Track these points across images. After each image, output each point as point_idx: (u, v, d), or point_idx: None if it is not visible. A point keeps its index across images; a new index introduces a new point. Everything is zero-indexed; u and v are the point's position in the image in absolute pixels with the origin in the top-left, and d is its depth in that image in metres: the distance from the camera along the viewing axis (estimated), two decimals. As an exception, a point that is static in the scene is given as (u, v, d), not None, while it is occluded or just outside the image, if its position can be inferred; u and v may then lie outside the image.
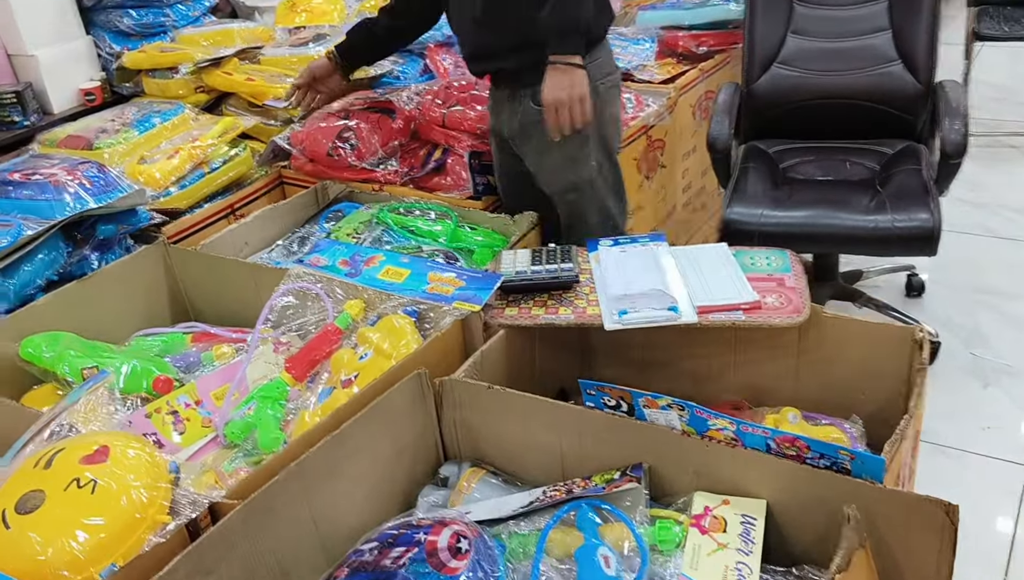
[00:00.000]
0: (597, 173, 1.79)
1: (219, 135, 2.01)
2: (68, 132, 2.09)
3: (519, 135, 1.78)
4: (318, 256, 1.55)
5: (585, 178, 1.78)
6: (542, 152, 1.77)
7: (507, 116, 1.80)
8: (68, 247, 1.61)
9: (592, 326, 1.34)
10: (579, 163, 1.77)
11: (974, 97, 2.98)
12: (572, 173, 1.77)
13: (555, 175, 1.79)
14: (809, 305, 1.32)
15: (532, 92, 1.69)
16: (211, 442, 1.36)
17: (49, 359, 1.39)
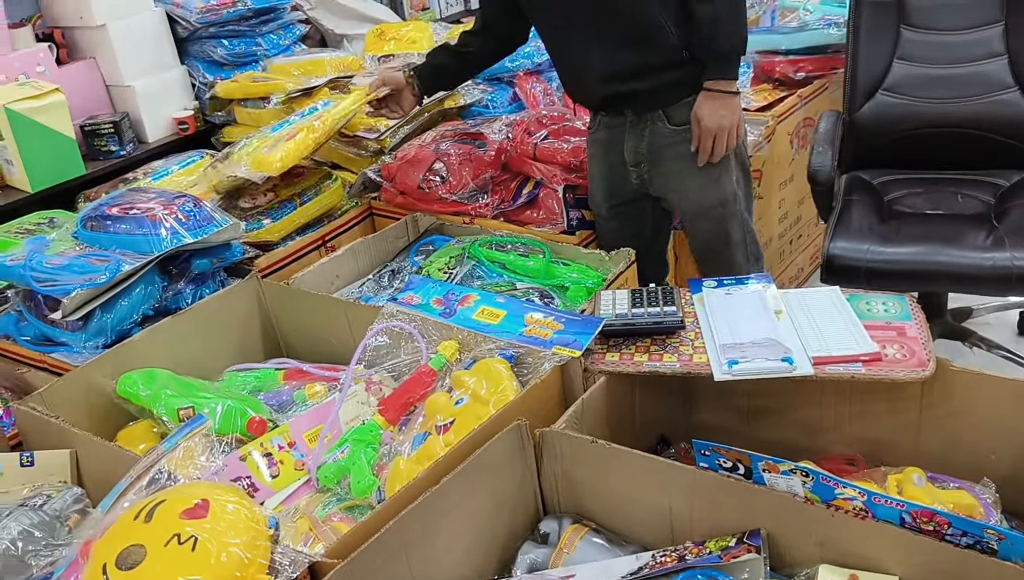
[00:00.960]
0: (737, 188, 1.77)
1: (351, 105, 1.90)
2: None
3: (649, 159, 1.76)
4: (411, 294, 1.52)
5: (729, 194, 1.76)
6: (681, 174, 1.75)
7: (631, 142, 1.77)
8: (164, 281, 1.62)
9: (699, 375, 1.28)
10: (722, 181, 1.75)
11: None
12: (716, 191, 1.75)
13: (697, 195, 1.77)
14: (935, 358, 1.24)
15: (665, 113, 1.67)
16: (304, 485, 1.34)
17: (146, 398, 1.39)
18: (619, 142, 1.79)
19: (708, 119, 1.63)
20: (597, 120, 1.83)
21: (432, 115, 2.21)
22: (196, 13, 2.46)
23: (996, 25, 2.11)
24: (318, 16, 2.90)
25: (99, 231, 1.64)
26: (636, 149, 1.77)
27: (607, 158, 1.83)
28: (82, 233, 1.66)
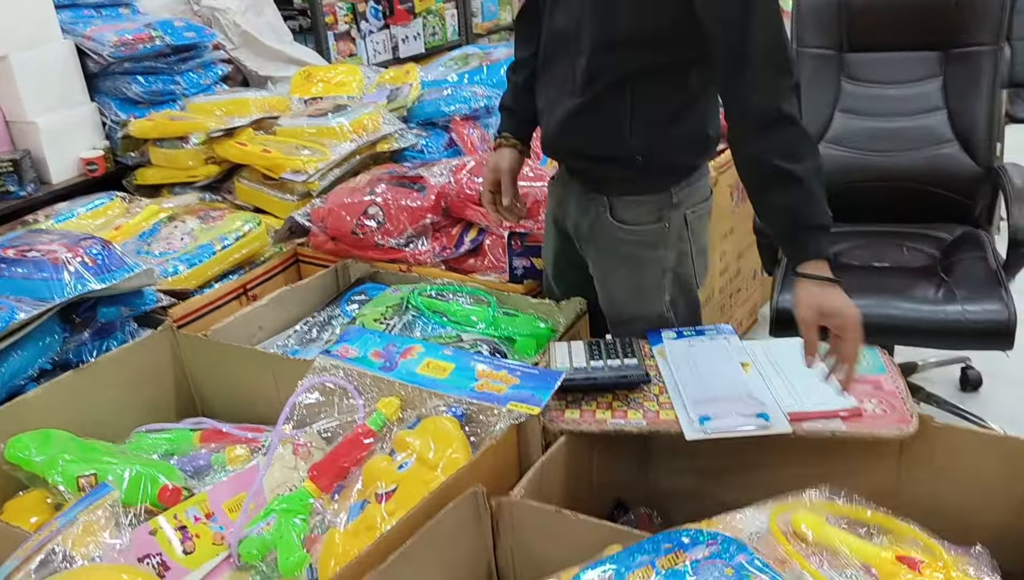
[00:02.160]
0: (667, 310, 1.50)
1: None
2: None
3: (587, 239, 1.51)
4: (347, 346, 1.38)
5: (653, 313, 1.49)
6: (608, 269, 1.50)
7: (575, 212, 1.52)
8: (65, 332, 1.44)
9: (669, 434, 1.17)
10: (648, 296, 1.49)
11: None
12: (638, 305, 1.49)
13: (618, 299, 1.51)
14: (917, 414, 1.16)
15: (611, 204, 1.45)
16: (224, 562, 1.17)
17: (39, 464, 1.21)
18: (567, 205, 1.55)
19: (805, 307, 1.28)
20: (560, 171, 1.60)
21: (363, 159, 2.10)
22: (109, 47, 2.30)
23: (935, 79, 2.12)
24: (241, 56, 2.76)
25: (-9, 275, 1.46)
26: (577, 223, 1.53)
27: (557, 217, 1.60)
28: (-30, 278, 1.47)
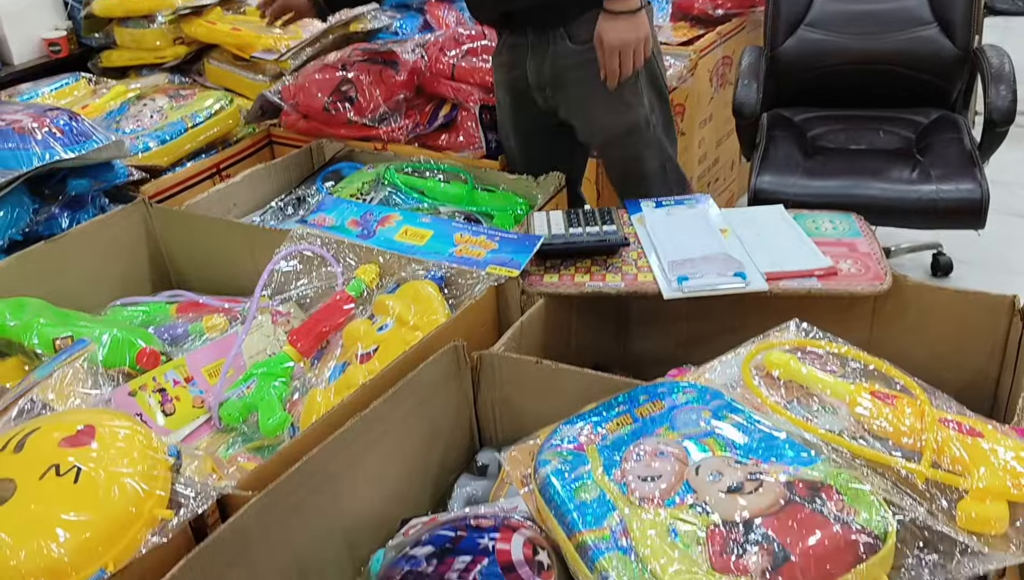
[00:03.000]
0: (651, 112, 1.61)
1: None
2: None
3: (553, 83, 1.59)
4: (324, 215, 1.37)
5: (640, 120, 1.59)
6: (586, 99, 1.58)
7: (534, 63, 1.60)
8: (35, 204, 1.42)
9: (647, 295, 1.18)
10: (632, 106, 1.58)
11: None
12: (625, 117, 1.58)
13: (605, 122, 1.60)
14: (890, 272, 1.18)
15: (569, 32, 1.52)
16: (204, 425, 1.18)
17: (14, 328, 1.20)
18: (522, 64, 1.63)
19: (610, 36, 1.47)
20: (502, 41, 1.68)
21: (336, 39, 2.04)
22: (68, -77, 2.20)
23: (916, -40, 2.09)
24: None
25: (-45, 147, 1.42)
26: (539, 71, 1.61)
27: (512, 84, 1.67)
28: (-65, 149, 1.43)
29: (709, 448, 0.81)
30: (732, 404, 0.87)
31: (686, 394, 0.89)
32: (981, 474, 0.76)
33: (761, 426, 0.83)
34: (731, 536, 0.71)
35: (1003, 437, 0.81)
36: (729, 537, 0.71)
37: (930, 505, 0.76)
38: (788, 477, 0.76)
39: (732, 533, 0.71)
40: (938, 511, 0.75)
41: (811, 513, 0.72)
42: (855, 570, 0.69)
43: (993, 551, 0.71)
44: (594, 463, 0.82)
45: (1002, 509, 0.74)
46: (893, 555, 0.72)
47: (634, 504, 0.76)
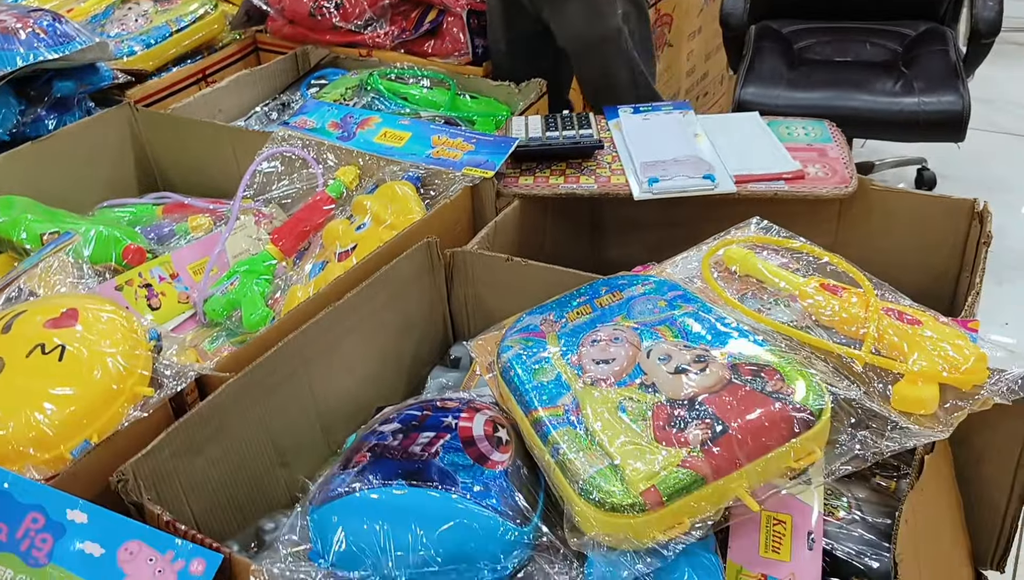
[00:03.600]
0: (623, 23, 1.61)
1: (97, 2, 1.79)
2: None
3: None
4: (305, 117, 1.39)
5: (612, 28, 1.60)
6: (564, 1, 1.59)
7: None
8: (21, 105, 1.43)
9: (619, 196, 1.21)
10: (604, 13, 1.60)
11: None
12: (598, 24, 1.60)
13: (578, 27, 1.61)
14: (856, 175, 1.20)
15: None
16: (189, 320, 1.23)
17: (3, 224, 1.23)
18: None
19: None
20: None
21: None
22: None
23: None
24: None
25: (-61, 47, 1.43)
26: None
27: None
28: (-80, 49, 1.44)
29: (662, 335, 0.85)
30: (687, 295, 0.91)
31: (645, 286, 0.93)
32: (915, 359, 0.80)
33: (712, 315, 0.86)
34: (674, 412, 0.75)
35: (942, 326, 0.84)
36: (672, 413, 0.75)
37: (867, 387, 0.80)
38: (733, 360, 0.80)
39: (675, 409, 0.75)
40: (874, 393, 0.80)
41: (751, 391, 0.76)
42: (789, 443, 0.73)
43: (921, 428, 0.76)
44: (553, 348, 0.86)
45: (933, 391, 0.78)
46: (828, 431, 0.76)
47: (587, 384, 0.80)
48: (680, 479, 0.70)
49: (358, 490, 0.75)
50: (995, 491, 0.89)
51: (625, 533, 0.70)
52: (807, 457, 0.74)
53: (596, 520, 0.71)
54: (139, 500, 0.79)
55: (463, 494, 0.75)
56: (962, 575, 0.90)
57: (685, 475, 0.70)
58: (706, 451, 0.71)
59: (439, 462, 0.77)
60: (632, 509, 0.69)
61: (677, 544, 0.70)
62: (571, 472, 0.73)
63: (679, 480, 0.70)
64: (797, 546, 0.80)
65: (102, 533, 0.73)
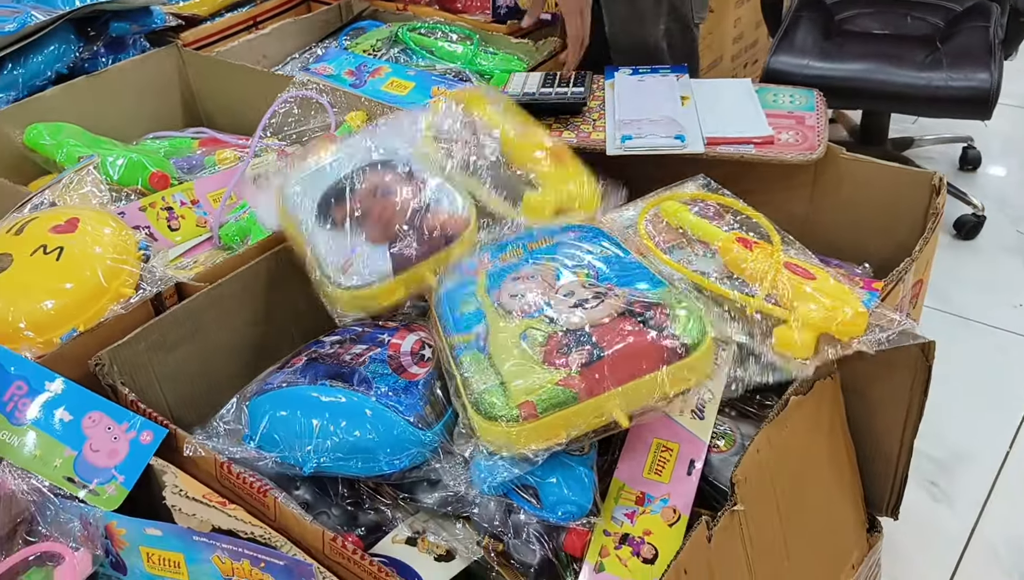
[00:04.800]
0: (664, 39, 1.63)
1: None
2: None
3: None
4: (325, 64, 1.50)
5: (650, 41, 1.62)
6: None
7: None
8: (80, 42, 1.58)
9: (594, 150, 1.28)
10: (646, 22, 1.61)
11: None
12: (637, 32, 1.62)
13: (618, 28, 1.64)
14: (825, 144, 1.24)
15: None
16: (205, 242, 1.35)
17: (49, 146, 1.39)
18: None
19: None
20: None
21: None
22: None
23: None
24: None
25: (12, -14, 1.60)
26: None
27: None
28: (-3, -13, 1.62)
29: (577, 276, 0.93)
30: (612, 242, 0.98)
31: (575, 233, 1.01)
32: (798, 307, 0.86)
33: (626, 260, 0.94)
34: (564, 340, 0.82)
35: (835, 284, 0.91)
36: (562, 341, 0.82)
37: (753, 329, 0.87)
38: (631, 298, 0.87)
39: (565, 338, 0.83)
40: (758, 335, 0.87)
41: (635, 324, 0.82)
42: (661, 370, 0.80)
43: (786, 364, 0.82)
44: (480, 284, 0.95)
45: (809, 337, 0.85)
46: (707, 364, 0.83)
47: (500, 315, 0.88)
48: (555, 395, 0.78)
49: (286, 385, 0.87)
50: (888, 442, 0.95)
51: (505, 440, 0.79)
52: (681, 383, 0.81)
53: (481, 428, 0.80)
54: (113, 383, 0.92)
55: (374, 397, 0.86)
56: (849, 518, 0.96)
57: (560, 392, 0.78)
58: (582, 373, 0.79)
59: (363, 370, 0.89)
60: (511, 419, 0.78)
61: (545, 452, 0.79)
62: (468, 388, 0.83)
63: (554, 396, 0.78)
64: (678, 471, 0.88)
65: (72, 403, 0.87)
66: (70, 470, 0.84)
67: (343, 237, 0.99)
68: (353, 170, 1.06)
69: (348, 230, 1.00)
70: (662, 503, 0.85)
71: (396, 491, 0.88)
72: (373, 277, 0.96)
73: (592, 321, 0.84)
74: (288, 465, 0.83)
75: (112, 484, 0.83)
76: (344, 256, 0.97)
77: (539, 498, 0.81)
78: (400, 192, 1.02)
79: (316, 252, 0.99)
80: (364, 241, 0.98)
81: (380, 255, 0.97)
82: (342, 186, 1.04)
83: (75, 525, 0.82)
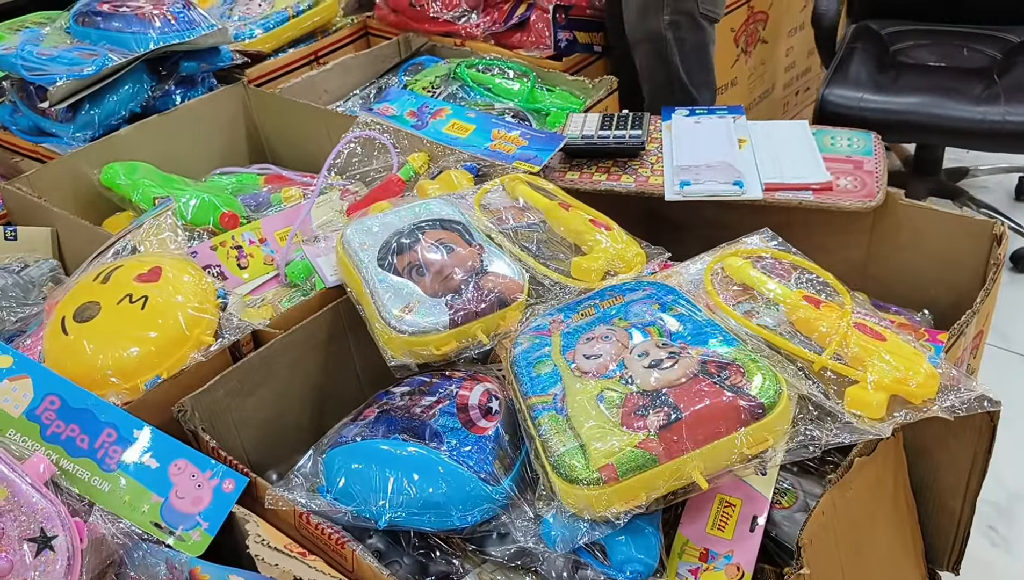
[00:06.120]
0: (669, 29, 1.72)
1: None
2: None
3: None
4: (387, 105, 1.54)
5: (655, 31, 1.72)
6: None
7: None
8: (152, 81, 1.64)
9: (652, 195, 1.31)
10: (649, 15, 1.72)
11: None
12: (643, 24, 1.72)
13: (630, 21, 1.74)
14: (884, 190, 1.25)
15: None
16: (272, 280, 1.40)
17: (126, 186, 1.45)
18: None
19: None
20: None
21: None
22: None
23: None
24: None
25: (90, 27, 1.66)
26: None
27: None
28: (74, 28, 1.68)
29: (650, 334, 0.94)
30: (680, 299, 1.00)
31: (644, 290, 1.02)
32: (870, 368, 0.87)
33: (697, 317, 0.95)
34: (641, 401, 0.84)
35: (904, 344, 0.91)
36: (640, 402, 0.84)
37: (826, 389, 0.89)
38: (705, 358, 0.89)
39: (643, 399, 0.84)
40: (831, 394, 0.88)
41: (711, 384, 0.84)
42: (740, 431, 0.81)
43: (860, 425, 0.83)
44: (555, 344, 0.96)
45: (881, 398, 0.86)
46: (785, 423, 0.84)
47: (575, 377, 0.89)
48: (635, 458, 0.80)
49: (360, 438, 0.91)
50: (951, 499, 0.95)
51: (586, 503, 0.81)
52: (759, 444, 0.83)
53: (562, 491, 0.82)
54: (194, 429, 0.96)
55: (447, 452, 0.88)
56: (910, 576, 0.97)
57: (640, 455, 0.80)
58: (661, 435, 0.81)
59: (433, 423, 0.91)
60: (592, 482, 0.80)
61: (627, 515, 0.81)
62: (548, 449, 0.84)
63: (634, 459, 0.80)
64: (741, 528, 0.90)
65: (159, 451, 0.91)
66: (157, 516, 0.88)
67: (402, 285, 1.03)
68: (415, 223, 1.10)
69: (408, 279, 1.03)
70: (725, 560, 0.87)
71: (465, 542, 0.91)
72: (429, 327, 0.99)
73: (668, 382, 0.85)
74: (363, 518, 0.87)
75: (197, 530, 0.87)
76: (403, 303, 1.01)
77: (607, 555, 0.83)
78: (460, 251, 1.06)
79: (375, 295, 1.02)
80: (422, 292, 1.02)
81: (438, 307, 1.00)
82: (404, 237, 1.08)
83: (161, 569, 0.86)
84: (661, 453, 0.81)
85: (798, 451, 0.85)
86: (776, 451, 0.86)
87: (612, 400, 0.85)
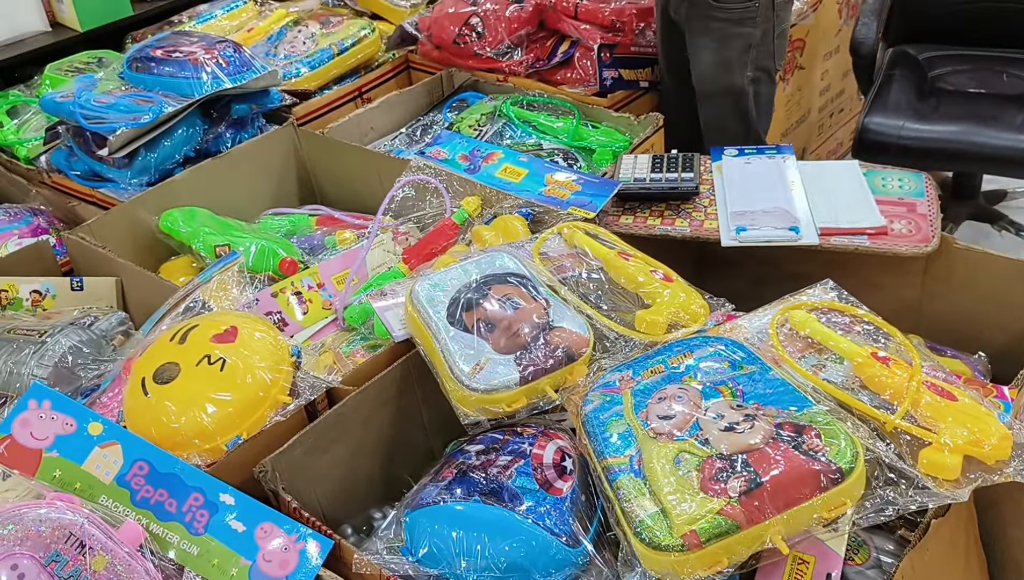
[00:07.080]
0: (751, 85, 1.74)
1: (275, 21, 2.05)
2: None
3: (685, 21, 1.75)
4: (439, 148, 1.56)
5: (737, 86, 1.73)
6: (699, 46, 1.73)
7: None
8: (205, 124, 1.67)
9: (708, 240, 1.32)
10: (734, 69, 1.72)
11: None
12: (725, 78, 1.73)
13: (705, 73, 1.75)
14: (939, 235, 1.26)
15: None
16: (331, 324, 1.42)
17: (185, 234, 1.47)
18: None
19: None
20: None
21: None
22: None
23: None
24: None
25: (144, 72, 1.70)
26: (677, 8, 1.76)
27: (663, 9, 1.82)
28: (128, 74, 1.72)
29: (722, 394, 0.95)
30: (750, 357, 1.01)
31: (713, 347, 1.03)
32: (944, 430, 0.88)
33: (768, 376, 0.97)
34: (720, 465, 0.85)
35: (975, 404, 0.93)
36: (718, 466, 0.85)
37: (900, 450, 0.90)
38: (780, 419, 0.90)
39: (722, 463, 0.85)
40: (905, 455, 0.89)
41: (788, 449, 0.85)
42: (819, 496, 0.83)
43: (940, 490, 0.85)
44: (627, 403, 0.97)
45: (956, 460, 0.87)
46: (861, 486, 0.85)
47: (651, 438, 0.90)
48: (718, 524, 0.82)
49: (443, 502, 0.93)
50: (1019, 552, 0.96)
51: (669, 569, 0.83)
52: (837, 508, 0.84)
53: (644, 557, 0.84)
54: (275, 489, 0.99)
55: (527, 515, 0.90)
56: (982, 628, 0.98)
57: (722, 522, 0.82)
58: (742, 501, 0.82)
59: (511, 484, 0.94)
60: (675, 548, 0.82)
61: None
62: (629, 515, 0.86)
63: (717, 525, 0.82)
64: (815, 585, 0.91)
65: (245, 514, 0.94)
66: (246, 579, 0.91)
67: (472, 342, 1.05)
68: (482, 279, 1.12)
69: (478, 336, 1.05)
70: (803, 618, 0.89)
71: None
72: (500, 384, 1.01)
73: (747, 446, 0.86)
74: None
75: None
76: (473, 361, 1.03)
77: (688, 617, 0.85)
78: (526, 306, 1.08)
79: (446, 353, 1.05)
80: (492, 349, 1.04)
81: (508, 365, 1.02)
82: (471, 293, 1.10)
83: (252, 631, 0.89)
84: (743, 519, 0.82)
85: (875, 515, 0.87)
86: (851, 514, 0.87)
87: (690, 463, 0.87)
